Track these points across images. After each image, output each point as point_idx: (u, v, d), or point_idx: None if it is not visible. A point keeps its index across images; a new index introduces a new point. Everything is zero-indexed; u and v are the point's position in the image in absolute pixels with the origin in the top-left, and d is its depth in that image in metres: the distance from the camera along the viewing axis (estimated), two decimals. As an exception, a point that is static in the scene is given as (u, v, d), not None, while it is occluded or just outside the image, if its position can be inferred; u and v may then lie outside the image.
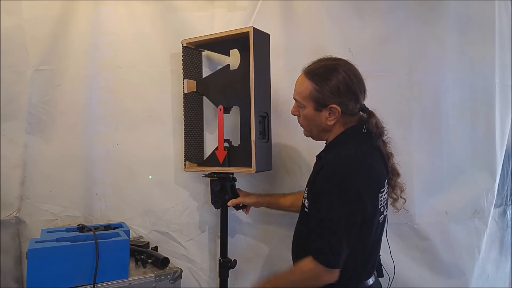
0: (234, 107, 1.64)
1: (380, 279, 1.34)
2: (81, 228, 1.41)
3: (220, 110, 1.61)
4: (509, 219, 2.09)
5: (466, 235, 1.84)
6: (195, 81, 1.69)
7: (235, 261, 1.64)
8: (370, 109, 1.23)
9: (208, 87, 1.68)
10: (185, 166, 1.67)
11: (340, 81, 1.15)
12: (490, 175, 1.90)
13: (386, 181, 1.23)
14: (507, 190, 2.08)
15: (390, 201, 1.27)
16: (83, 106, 1.73)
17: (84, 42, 1.71)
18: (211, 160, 1.64)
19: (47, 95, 1.71)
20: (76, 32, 1.71)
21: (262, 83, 1.54)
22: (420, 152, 1.79)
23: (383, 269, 1.36)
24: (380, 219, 1.21)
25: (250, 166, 1.50)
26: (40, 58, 1.70)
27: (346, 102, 1.16)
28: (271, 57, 1.58)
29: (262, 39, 1.54)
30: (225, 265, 1.62)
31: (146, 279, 1.35)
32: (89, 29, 1.71)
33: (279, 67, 1.70)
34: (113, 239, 1.32)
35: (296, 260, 1.32)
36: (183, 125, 1.67)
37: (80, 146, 1.73)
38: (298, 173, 1.76)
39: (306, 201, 1.22)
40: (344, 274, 1.12)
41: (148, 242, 1.65)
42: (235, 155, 1.61)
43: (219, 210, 1.66)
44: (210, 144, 1.77)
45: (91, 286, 1.25)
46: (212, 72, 1.73)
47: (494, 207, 1.94)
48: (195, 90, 1.69)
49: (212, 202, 1.65)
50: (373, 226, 1.18)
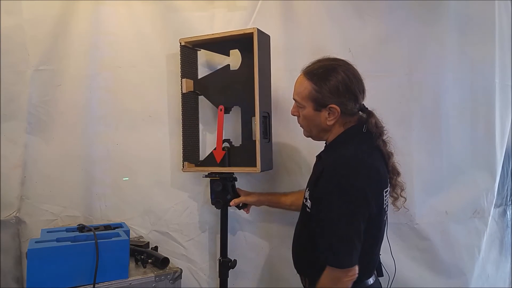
0: (234, 107, 1.64)
1: (379, 278, 1.34)
2: (81, 228, 1.41)
3: (221, 110, 1.61)
4: (509, 219, 2.09)
5: (466, 235, 1.84)
6: (192, 80, 1.69)
7: (235, 261, 1.64)
8: (369, 109, 1.23)
9: (207, 87, 1.68)
10: (183, 166, 1.67)
11: (339, 81, 1.15)
12: (490, 175, 1.90)
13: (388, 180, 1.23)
14: (507, 190, 2.07)
15: (391, 200, 1.27)
16: (83, 106, 1.73)
17: (84, 42, 1.71)
18: (211, 160, 1.64)
19: (47, 95, 1.72)
20: (76, 32, 1.71)
21: (265, 83, 1.55)
22: (420, 152, 1.79)
23: (383, 268, 1.36)
24: (385, 218, 1.22)
25: (253, 165, 1.50)
26: (40, 58, 1.70)
27: (346, 102, 1.16)
28: (271, 57, 1.59)
29: (265, 40, 1.55)
30: (225, 265, 1.62)
31: (146, 279, 1.35)
32: (89, 29, 1.71)
33: (279, 67, 1.70)
34: (113, 239, 1.32)
35: (296, 260, 1.33)
36: (181, 125, 1.67)
37: (80, 146, 1.73)
38: (298, 173, 1.77)
39: (308, 201, 1.22)
40: None
41: (148, 242, 1.65)
42: (236, 155, 1.61)
43: (219, 210, 1.65)
44: (210, 144, 1.77)
45: (91, 286, 1.25)
46: (209, 72, 1.72)
47: (494, 207, 1.94)
48: (192, 90, 1.69)
49: (212, 203, 1.64)
50: (379, 225, 1.18)
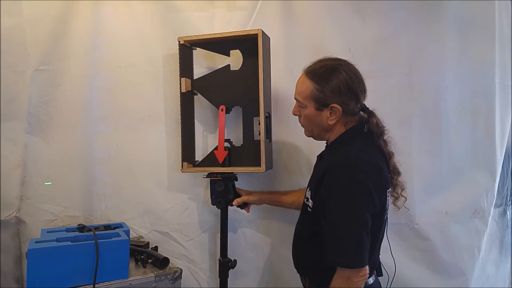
0: (234, 107, 1.64)
1: (379, 278, 1.33)
2: (81, 228, 1.41)
3: (222, 110, 1.60)
4: (509, 219, 2.09)
5: (466, 235, 1.84)
6: (190, 80, 1.69)
7: (235, 261, 1.64)
8: (370, 109, 1.23)
9: (206, 87, 1.67)
10: (182, 167, 1.66)
11: (341, 81, 1.15)
12: (490, 175, 1.90)
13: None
14: (507, 190, 2.07)
15: (391, 199, 1.27)
16: (83, 106, 1.73)
17: (84, 42, 1.71)
18: (211, 160, 1.64)
19: (47, 95, 1.71)
20: (76, 32, 1.70)
21: (267, 84, 1.56)
22: (420, 152, 1.79)
23: (383, 268, 1.36)
24: (385, 218, 1.22)
25: (256, 165, 1.52)
26: (40, 58, 1.70)
27: (347, 101, 1.17)
28: (271, 57, 1.59)
29: (267, 41, 1.56)
30: (225, 265, 1.62)
31: (146, 279, 1.35)
32: (89, 29, 1.71)
33: (279, 67, 1.70)
34: (113, 239, 1.32)
35: (296, 259, 1.33)
36: (180, 125, 1.66)
37: (80, 146, 1.73)
38: (298, 172, 1.77)
39: (310, 201, 1.22)
40: None
41: (148, 242, 1.65)
42: (236, 155, 1.61)
43: (219, 210, 1.65)
44: (208, 144, 1.77)
45: (91, 286, 1.25)
46: (206, 72, 1.72)
47: (494, 207, 1.94)
48: (190, 89, 1.69)
49: (213, 203, 1.64)
50: (380, 225, 1.18)
